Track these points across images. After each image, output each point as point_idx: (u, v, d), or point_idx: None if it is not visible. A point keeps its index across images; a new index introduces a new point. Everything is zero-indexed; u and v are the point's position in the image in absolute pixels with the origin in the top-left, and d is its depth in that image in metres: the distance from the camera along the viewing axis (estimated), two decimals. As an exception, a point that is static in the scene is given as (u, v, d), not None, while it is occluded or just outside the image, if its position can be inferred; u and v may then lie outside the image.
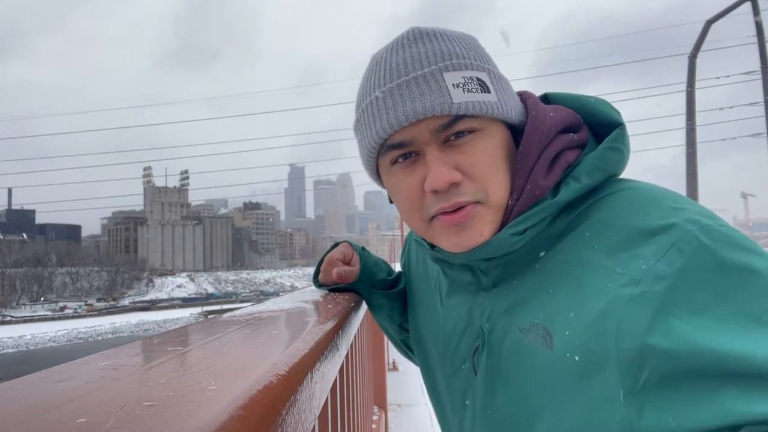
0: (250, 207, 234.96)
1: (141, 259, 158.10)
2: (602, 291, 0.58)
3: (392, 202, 0.82)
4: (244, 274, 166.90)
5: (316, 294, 1.04)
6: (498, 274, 0.75)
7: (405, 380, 5.95)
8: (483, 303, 0.78)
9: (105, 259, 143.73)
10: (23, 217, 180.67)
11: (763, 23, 16.50)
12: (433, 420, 4.62)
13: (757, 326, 0.47)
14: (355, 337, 1.28)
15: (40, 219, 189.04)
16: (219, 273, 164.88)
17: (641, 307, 0.53)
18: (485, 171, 0.69)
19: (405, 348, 1.23)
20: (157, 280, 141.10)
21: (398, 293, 1.10)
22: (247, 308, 0.80)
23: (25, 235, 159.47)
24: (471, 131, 0.69)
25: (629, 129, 0.73)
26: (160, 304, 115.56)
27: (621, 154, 0.70)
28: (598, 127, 0.74)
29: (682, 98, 17.63)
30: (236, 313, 0.74)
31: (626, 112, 0.75)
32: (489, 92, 0.70)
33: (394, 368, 6.55)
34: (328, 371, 0.56)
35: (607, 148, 0.69)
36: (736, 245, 0.52)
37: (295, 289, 2.20)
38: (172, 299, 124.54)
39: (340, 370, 0.93)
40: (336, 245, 1.14)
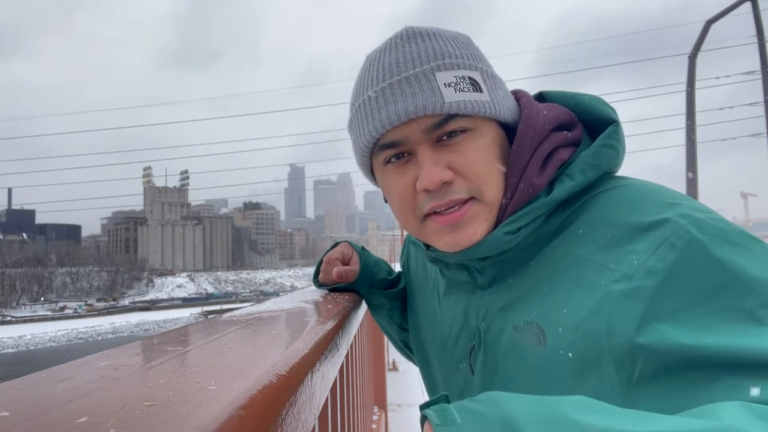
0: (250, 207, 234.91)
1: (141, 259, 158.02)
2: (595, 287, 0.58)
3: (387, 201, 0.82)
4: (244, 274, 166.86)
5: (316, 294, 1.03)
6: (493, 273, 0.75)
7: (405, 380, 5.95)
8: (479, 302, 0.78)
9: (105, 259, 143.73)
10: (23, 217, 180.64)
11: (763, 23, 16.49)
12: (433, 420, 4.60)
13: (746, 321, 0.47)
14: (355, 337, 1.28)
15: (40, 219, 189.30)
16: (219, 273, 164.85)
17: (633, 303, 0.53)
18: (478, 170, 0.69)
19: (405, 348, 1.23)
20: (157, 280, 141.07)
21: (398, 293, 1.10)
22: (247, 308, 0.80)
23: (25, 235, 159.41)
24: (463, 130, 0.69)
25: (630, 129, 0.75)
26: (160, 304, 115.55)
27: (615, 151, 0.70)
28: (593, 124, 0.74)
29: (682, 98, 17.61)
30: (236, 313, 0.74)
31: (626, 112, 0.76)
32: (481, 91, 0.70)
33: (394, 368, 6.55)
34: (328, 371, 0.56)
35: (601, 146, 0.69)
36: (728, 240, 0.53)
37: (295, 289, 2.19)
38: (172, 299, 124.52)
39: (340, 370, 0.93)
40: (336, 245, 1.14)
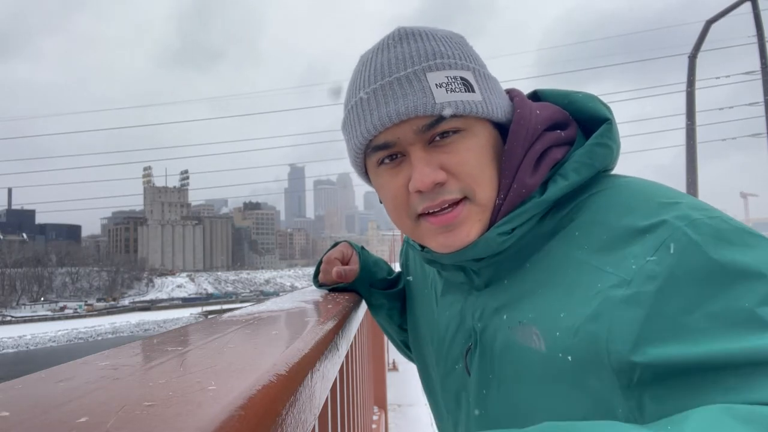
0: (250, 207, 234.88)
1: (141, 259, 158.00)
2: (593, 291, 0.57)
3: (381, 202, 0.81)
4: (244, 274, 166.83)
5: (316, 294, 1.04)
6: (489, 273, 0.74)
7: (405, 380, 5.95)
8: (475, 303, 0.77)
9: (105, 259, 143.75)
10: (23, 217, 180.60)
11: (763, 23, 16.49)
12: (433, 420, 4.61)
13: (746, 321, 0.47)
14: (355, 337, 1.28)
15: (40, 219, 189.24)
16: (219, 273, 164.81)
17: (633, 309, 0.52)
18: (470, 170, 0.69)
19: (405, 348, 1.23)
20: (157, 280, 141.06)
21: (398, 293, 1.10)
22: (247, 308, 0.80)
23: (25, 235, 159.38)
24: (456, 131, 0.69)
25: (630, 129, 0.75)
26: (160, 304, 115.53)
27: (609, 149, 0.69)
28: (587, 123, 0.73)
29: (682, 98, 17.62)
30: (236, 313, 0.74)
31: (627, 112, 0.75)
32: (473, 91, 0.69)
33: (394, 368, 6.55)
34: (328, 371, 0.56)
35: (595, 144, 0.68)
36: (725, 240, 0.52)
37: (295, 289, 2.20)
38: (172, 299, 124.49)
39: (340, 370, 0.93)
40: (336, 245, 1.14)
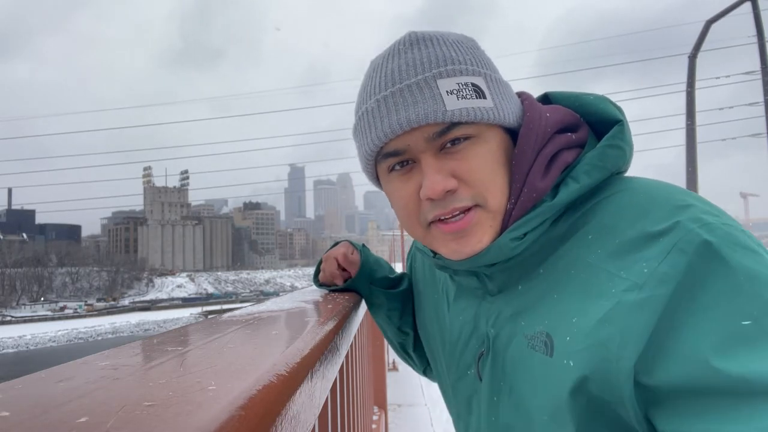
0: (250, 207, 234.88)
1: (141, 259, 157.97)
2: (605, 296, 0.57)
3: (393, 207, 0.81)
4: (244, 274, 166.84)
5: (316, 294, 1.04)
6: (502, 279, 0.73)
7: (405, 380, 5.95)
8: (489, 308, 0.77)
9: (105, 259, 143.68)
10: (23, 217, 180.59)
11: (763, 23, 16.49)
12: (433, 420, 4.61)
13: (758, 335, 0.46)
14: (355, 337, 1.28)
15: (40, 219, 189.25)
16: (219, 273, 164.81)
17: (645, 314, 0.51)
18: (482, 176, 0.68)
19: (403, 352, 1.22)
20: (157, 280, 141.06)
21: (398, 295, 1.10)
22: (247, 308, 0.80)
23: (25, 235, 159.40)
24: (467, 138, 0.68)
25: (630, 129, 0.72)
26: (160, 304, 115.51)
27: (621, 150, 0.68)
28: (599, 125, 0.73)
29: (683, 98, 17.61)
30: (236, 313, 0.74)
31: (627, 111, 0.73)
32: (485, 98, 0.69)
33: (394, 368, 6.55)
34: (328, 371, 0.56)
35: (606, 146, 0.68)
36: (739, 245, 0.51)
37: (295, 289, 2.20)
38: (172, 299, 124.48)
39: (340, 370, 0.93)
40: (336, 244, 1.14)
